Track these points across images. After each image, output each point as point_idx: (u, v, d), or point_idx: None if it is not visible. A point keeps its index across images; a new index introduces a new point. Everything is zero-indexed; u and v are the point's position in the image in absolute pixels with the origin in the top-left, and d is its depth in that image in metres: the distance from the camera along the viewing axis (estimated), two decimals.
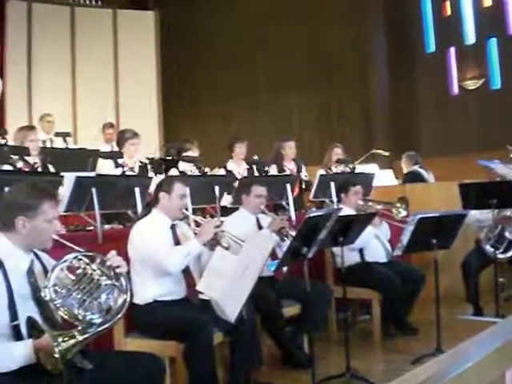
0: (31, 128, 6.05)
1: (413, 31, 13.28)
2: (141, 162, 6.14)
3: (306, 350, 4.95)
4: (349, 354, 4.39)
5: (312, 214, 4.04)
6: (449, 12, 13.37)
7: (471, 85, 12.66)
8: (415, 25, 13.32)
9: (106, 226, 4.88)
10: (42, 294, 2.72)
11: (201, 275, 4.07)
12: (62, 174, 4.56)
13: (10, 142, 5.72)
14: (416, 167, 8.22)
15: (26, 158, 5.10)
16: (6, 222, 2.82)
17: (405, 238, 4.78)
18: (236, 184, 5.81)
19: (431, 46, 13.51)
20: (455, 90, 13.13)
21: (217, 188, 5.58)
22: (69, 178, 4.53)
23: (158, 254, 3.91)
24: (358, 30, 12.81)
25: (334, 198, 6.22)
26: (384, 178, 8.15)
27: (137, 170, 6.06)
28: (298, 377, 4.57)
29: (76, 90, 11.88)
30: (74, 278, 2.79)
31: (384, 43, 12.89)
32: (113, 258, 2.86)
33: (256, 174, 6.75)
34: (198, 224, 4.21)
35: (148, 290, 3.95)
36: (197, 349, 3.66)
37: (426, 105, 12.86)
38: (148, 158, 6.14)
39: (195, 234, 4.14)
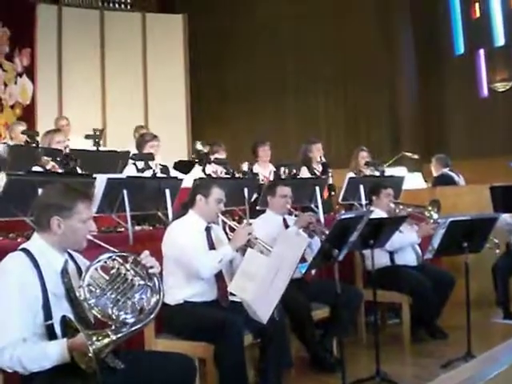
0: (57, 130, 6.14)
1: (441, 33, 13.17)
2: (161, 165, 6.16)
3: (334, 353, 4.94)
4: (379, 357, 4.37)
5: (344, 216, 4.03)
6: (478, 14, 13.24)
7: (500, 87, 12.52)
8: (444, 27, 13.21)
9: (137, 228, 4.90)
10: (77, 294, 2.75)
11: (232, 278, 4.09)
12: (94, 175, 4.60)
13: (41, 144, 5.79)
14: (446, 170, 8.15)
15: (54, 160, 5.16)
16: (42, 222, 2.85)
17: (436, 242, 4.74)
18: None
19: (460, 48, 13.40)
20: (484, 92, 13.00)
21: (246, 190, 5.59)
22: (100, 180, 4.57)
23: (192, 258, 3.94)
24: (387, 31, 12.75)
25: (363, 201, 6.20)
26: (413, 181, 8.08)
27: (158, 172, 6.08)
28: (327, 380, 4.55)
29: (105, 93, 11.99)
30: (107, 277, 2.81)
31: (412, 45, 12.80)
32: (146, 258, 2.88)
33: (282, 176, 6.74)
34: (231, 228, 4.22)
35: (179, 290, 3.98)
36: (227, 350, 3.66)
37: (454, 107, 12.74)
38: (176, 163, 6.16)
39: (228, 238, 4.16)
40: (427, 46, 12.79)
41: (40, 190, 3.89)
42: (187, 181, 5.37)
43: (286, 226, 4.97)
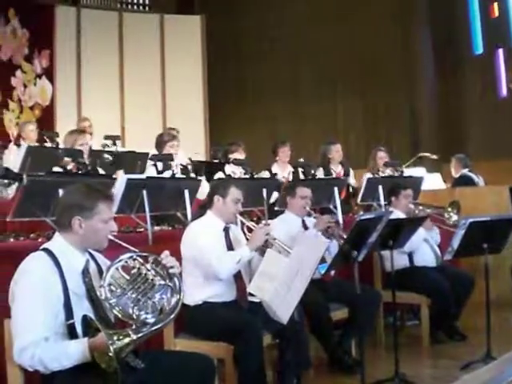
0: (81, 132, 6.16)
1: (460, 33, 13.08)
2: (182, 165, 6.18)
3: (353, 354, 4.93)
4: (397, 358, 4.36)
5: (363, 217, 4.02)
6: (496, 13, 13.14)
7: None
8: (463, 26, 13.12)
9: (156, 228, 4.92)
10: (98, 293, 2.77)
11: (251, 278, 4.10)
12: (114, 176, 4.64)
13: (60, 145, 5.84)
14: (465, 171, 8.11)
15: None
16: (63, 222, 2.87)
17: (455, 242, 4.71)
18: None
19: (479, 48, 13.30)
20: (503, 92, 12.90)
21: (264, 191, 5.60)
22: (120, 180, 4.60)
23: (210, 259, 3.94)
24: (405, 32, 12.68)
25: (382, 202, 6.18)
26: (432, 181, 8.03)
27: (178, 172, 6.10)
28: (345, 381, 4.55)
29: (124, 94, 12.05)
30: (128, 277, 2.82)
31: (430, 45, 12.73)
32: (166, 258, 2.89)
33: (301, 177, 6.74)
34: (249, 229, 4.23)
35: (199, 291, 3.99)
36: (246, 350, 3.67)
37: (473, 107, 12.65)
38: (191, 160, 6.17)
39: (247, 239, 4.17)
40: (446, 46, 12.71)
41: (60, 191, 3.93)
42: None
43: (305, 228, 4.97)
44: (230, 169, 6.70)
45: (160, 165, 5.48)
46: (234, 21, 13.24)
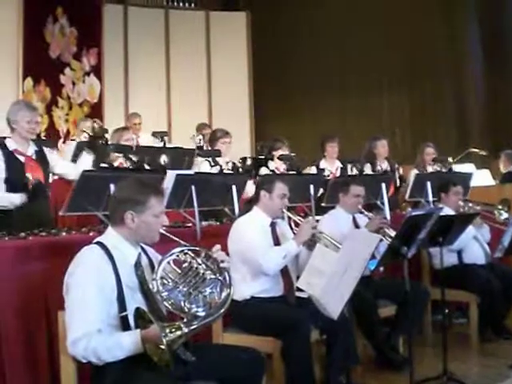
0: (125, 128, 6.30)
1: (508, 29, 12.83)
2: (233, 163, 6.21)
3: (400, 351, 4.90)
4: (446, 356, 4.31)
5: (413, 213, 3.99)
6: None
7: None
8: (510, 21, 12.87)
9: (204, 223, 4.96)
10: (150, 286, 2.81)
11: (298, 274, 4.10)
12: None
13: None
14: None
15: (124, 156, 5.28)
16: (116, 216, 2.93)
17: (506, 240, 4.65)
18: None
19: None
20: None
21: (311, 186, 5.60)
22: (169, 176, 4.66)
23: (257, 254, 3.96)
24: (452, 27, 12.49)
25: (430, 198, 6.11)
26: (481, 178, 7.92)
27: (228, 168, 6.13)
28: (393, 378, 4.53)
29: (170, 91, 12.14)
30: (179, 271, 2.85)
31: (478, 41, 12.51)
32: (217, 252, 2.92)
33: (350, 172, 6.71)
34: (296, 224, 4.23)
35: (246, 286, 4.00)
36: (294, 345, 3.67)
37: None
38: (241, 159, 6.20)
39: (294, 233, 4.17)
40: (494, 42, 12.47)
41: (111, 186, 4.00)
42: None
43: (356, 225, 4.95)
44: (274, 165, 6.71)
45: (210, 160, 5.52)
46: (280, 16, 13.21)
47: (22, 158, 4.61)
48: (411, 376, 3.91)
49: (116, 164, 5.38)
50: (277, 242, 4.17)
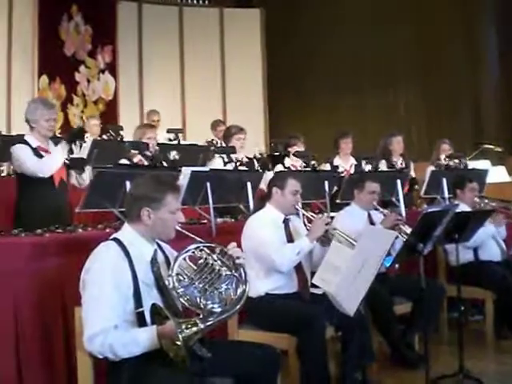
0: (151, 126, 6.26)
1: None
2: (248, 158, 6.22)
3: (416, 348, 4.88)
4: (462, 354, 4.29)
5: (430, 210, 3.98)
6: None
7: None
8: None
9: (219, 220, 4.96)
10: (166, 283, 2.82)
11: (312, 270, 4.10)
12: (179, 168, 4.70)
13: (125, 138, 5.94)
14: None
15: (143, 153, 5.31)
16: (132, 213, 2.94)
17: None
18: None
19: None
20: None
21: (326, 183, 5.59)
22: (184, 173, 4.67)
23: (270, 251, 3.96)
24: (468, 25, 12.41)
25: (446, 195, 6.08)
26: (496, 174, 7.87)
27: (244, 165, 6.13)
28: (409, 376, 4.51)
29: (185, 88, 12.16)
30: (195, 267, 2.86)
31: (495, 41, 12.42)
32: (233, 248, 2.93)
33: (364, 169, 6.69)
34: (309, 220, 4.22)
35: (260, 283, 3.99)
36: (310, 342, 3.66)
37: None
38: (256, 155, 6.20)
39: (307, 229, 4.16)
40: (510, 39, 12.38)
41: (127, 183, 4.02)
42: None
43: (371, 222, 4.93)
44: (289, 162, 6.71)
45: (224, 157, 5.53)
46: (295, 13, 13.17)
47: (45, 155, 4.65)
48: (427, 373, 3.90)
49: (135, 160, 5.40)
50: (290, 239, 4.17)
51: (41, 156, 4.57)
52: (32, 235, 3.87)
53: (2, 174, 6.43)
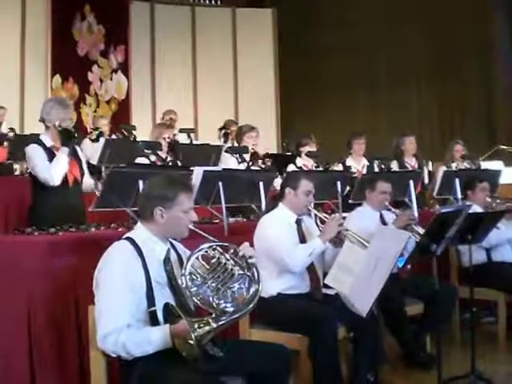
0: (169, 126, 6.24)
1: None
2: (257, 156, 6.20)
3: (428, 350, 4.86)
4: (474, 355, 4.27)
5: (443, 210, 3.96)
6: None
7: None
8: None
9: (231, 219, 4.97)
10: (179, 282, 2.82)
11: (324, 270, 4.09)
12: (192, 168, 4.71)
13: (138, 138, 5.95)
14: None
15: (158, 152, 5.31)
16: (145, 212, 2.95)
17: None
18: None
19: None
20: None
21: (338, 183, 5.58)
22: (197, 173, 4.67)
23: (282, 252, 3.96)
24: (481, 24, 12.34)
25: (459, 195, 6.06)
26: (509, 175, 7.82)
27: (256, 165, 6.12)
28: (421, 377, 4.50)
29: (197, 88, 12.19)
30: (208, 267, 2.86)
31: (509, 38, 12.36)
32: (246, 248, 2.93)
33: (376, 169, 6.68)
34: (322, 221, 4.21)
35: (272, 283, 3.98)
36: (321, 342, 3.65)
37: None
38: (268, 155, 6.20)
39: (320, 231, 4.15)
40: None
41: (140, 182, 4.03)
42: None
43: (383, 222, 4.92)
44: (301, 161, 6.70)
45: (237, 157, 5.53)
46: (307, 13, 13.15)
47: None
48: (439, 375, 3.89)
49: (153, 159, 5.41)
50: (302, 239, 4.16)
51: (54, 155, 4.58)
52: (46, 234, 3.89)
53: (16, 173, 6.47)
